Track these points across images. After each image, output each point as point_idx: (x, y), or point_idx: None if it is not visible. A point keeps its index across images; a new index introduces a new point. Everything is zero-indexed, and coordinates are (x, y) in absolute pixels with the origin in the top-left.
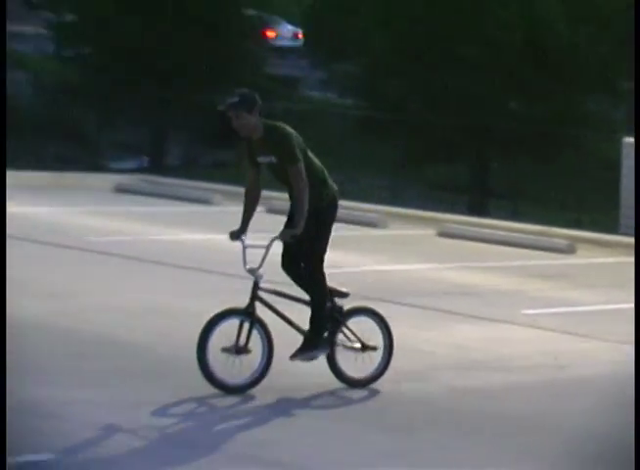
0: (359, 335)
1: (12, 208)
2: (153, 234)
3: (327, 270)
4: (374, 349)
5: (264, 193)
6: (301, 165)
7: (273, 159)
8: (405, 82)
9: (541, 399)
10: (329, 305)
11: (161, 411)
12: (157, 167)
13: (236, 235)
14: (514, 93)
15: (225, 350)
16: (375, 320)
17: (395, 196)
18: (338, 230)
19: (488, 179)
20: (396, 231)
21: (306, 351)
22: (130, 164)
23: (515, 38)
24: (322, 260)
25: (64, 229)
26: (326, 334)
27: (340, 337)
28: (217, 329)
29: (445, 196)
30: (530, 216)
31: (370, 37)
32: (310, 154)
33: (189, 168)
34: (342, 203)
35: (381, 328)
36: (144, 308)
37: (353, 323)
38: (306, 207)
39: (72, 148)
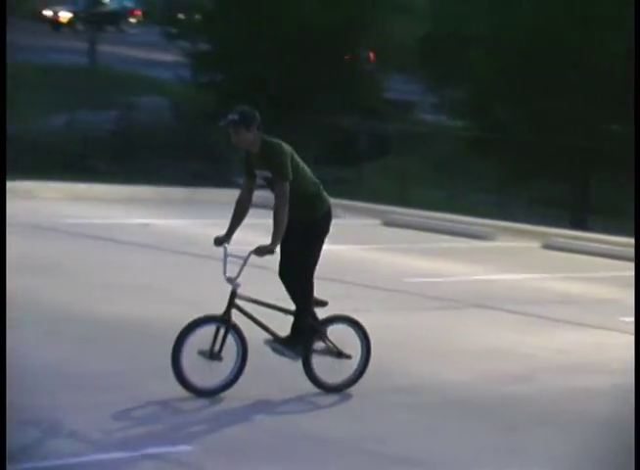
0: (336, 342)
1: (147, 220)
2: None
3: (438, 279)
4: (348, 357)
5: (382, 207)
6: (287, 186)
7: (268, 173)
8: (512, 106)
9: None
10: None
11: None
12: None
13: (219, 241)
14: (616, 116)
15: (201, 352)
16: (353, 328)
17: (502, 210)
18: (448, 242)
19: (590, 196)
20: (503, 243)
21: (282, 345)
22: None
23: (618, 66)
24: (313, 271)
25: (197, 240)
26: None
27: (316, 344)
28: (194, 334)
29: (549, 211)
30: (629, 231)
31: (479, 65)
32: (306, 169)
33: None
34: (452, 216)
35: (359, 335)
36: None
37: (332, 331)
38: (283, 224)
39: (208, 166)
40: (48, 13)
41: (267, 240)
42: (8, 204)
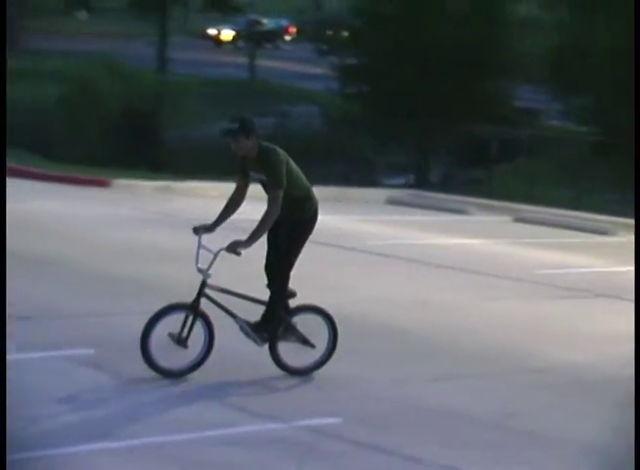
0: (304, 330)
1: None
2: (419, 239)
3: (565, 270)
4: (312, 346)
5: (512, 205)
6: (280, 193)
7: (263, 177)
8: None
9: None
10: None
11: (424, 386)
12: (421, 183)
13: (197, 230)
14: None
15: (170, 335)
16: (321, 317)
17: (625, 208)
18: (573, 237)
19: None
20: (624, 238)
21: (250, 328)
22: (400, 180)
23: None
24: (292, 266)
25: (346, 234)
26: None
27: (282, 332)
28: (164, 320)
29: None
30: None
31: (601, 74)
32: (300, 174)
33: (448, 184)
34: (577, 213)
35: (326, 323)
36: (410, 300)
37: (301, 319)
38: (265, 230)
39: (354, 167)
40: (212, 32)
41: None
42: (179, 202)
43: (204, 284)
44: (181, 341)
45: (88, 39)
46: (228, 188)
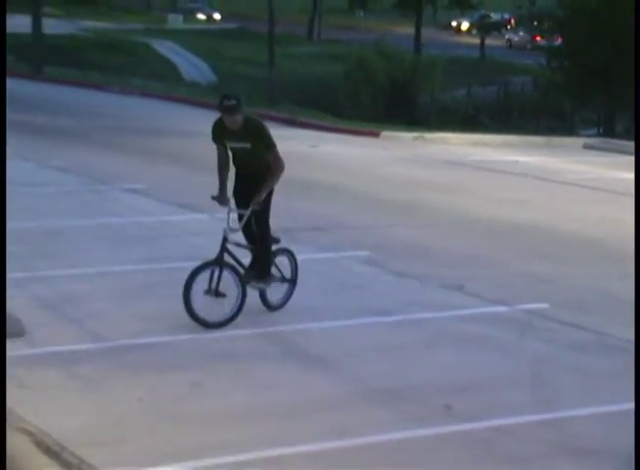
0: (282, 270)
1: (517, 158)
2: (606, 174)
3: None
4: (292, 281)
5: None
6: (278, 150)
7: (248, 145)
8: None
9: None
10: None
11: (614, 281)
12: (609, 133)
13: (220, 199)
14: None
15: (206, 292)
16: (289, 258)
17: None
18: None
19: None
20: None
21: (260, 282)
22: (592, 131)
23: None
24: (269, 217)
25: (552, 171)
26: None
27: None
28: (199, 277)
29: None
30: None
31: None
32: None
33: (629, 133)
34: None
35: (291, 264)
36: (601, 219)
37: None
38: (276, 183)
39: (557, 122)
40: (454, 23)
41: None
42: (430, 147)
43: (225, 240)
44: (216, 293)
45: (364, 31)
46: (467, 138)
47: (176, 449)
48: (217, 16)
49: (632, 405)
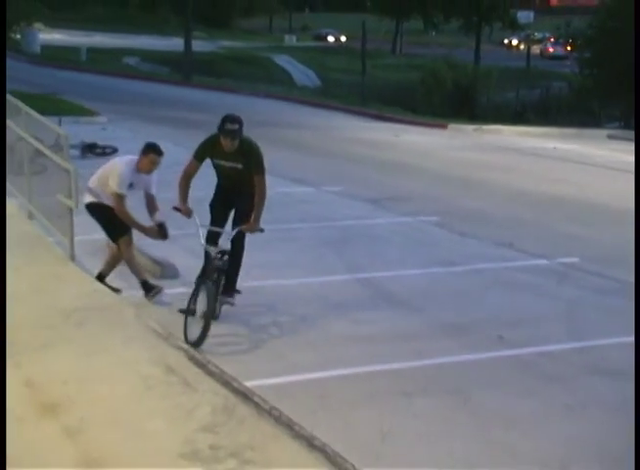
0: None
1: (555, 145)
2: (626, 158)
3: None
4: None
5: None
6: (265, 177)
7: (239, 165)
8: None
9: None
10: None
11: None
12: (628, 126)
13: (188, 214)
14: None
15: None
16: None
17: None
18: None
19: None
20: None
21: (228, 297)
22: (615, 124)
23: None
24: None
25: (583, 155)
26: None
27: None
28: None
29: None
30: None
31: None
32: None
33: None
34: None
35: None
36: (624, 193)
37: None
38: (263, 207)
39: (587, 117)
40: (506, 41)
41: None
42: (487, 137)
43: (211, 259)
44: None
45: (436, 47)
46: (515, 129)
47: (293, 365)
48: (343, 38)
49: None
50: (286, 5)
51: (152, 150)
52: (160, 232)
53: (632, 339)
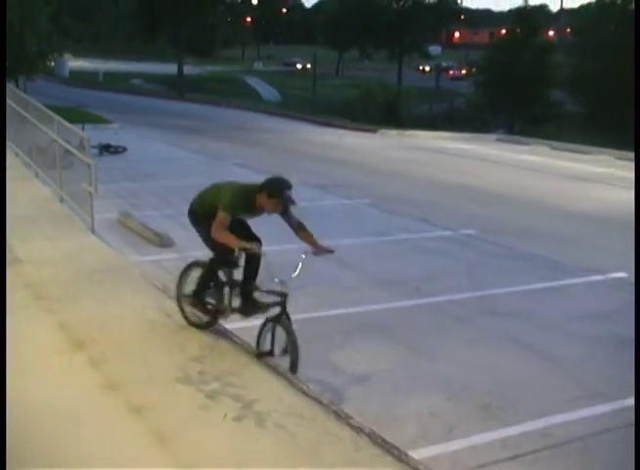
0: None
1: (459, 146)
2: (509, 155)
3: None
4: None
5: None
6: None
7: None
8: None
9: None
10: None
11: (518, 220)
12: (511, 132)
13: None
14: None
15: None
16: None
17: None
18: (561, 157)
19: None
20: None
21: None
22: (501, 131)
23: None
24: None
25: (478, 153)
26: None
27: None
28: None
29: None
30: None
31: None
32: None
33: (523, 132)
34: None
35: None
36: (513, 182)
37: None
38: None
39: (481, 125)
40: (420, 67)
41: None
42: (410, 139)
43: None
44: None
45: (369, 71)
46: (429, 134)
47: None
48: (309, 65)
49: (532, 286)
50: (255, 39)
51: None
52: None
53: (519, 288)
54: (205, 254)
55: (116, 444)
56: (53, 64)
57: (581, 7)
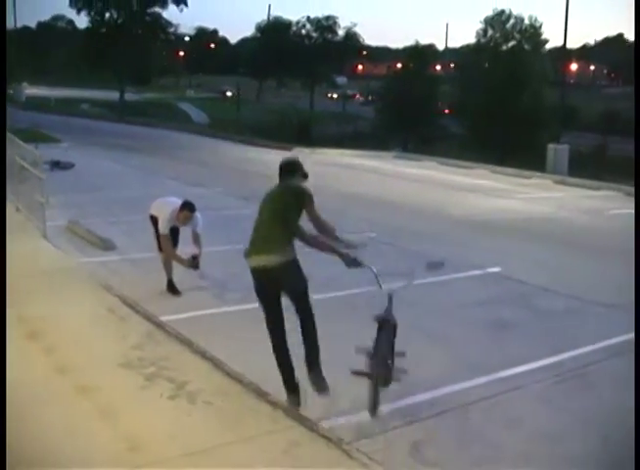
0: None
1: (361, 162)
2: (407, 170)
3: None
4: None
5: (439, 158)
6: None
7: None
8: None
9: None
10: None
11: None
12: (406, 150)
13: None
14: None
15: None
16: None
17: None
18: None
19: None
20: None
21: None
22: (399, 149)
23: None
24: None
25: (376, 168)
26: None
27: None
28: None
29: None
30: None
31: None
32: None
33: (417, 149)
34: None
35: None
36: (410, 193)
37: None
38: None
39: (381, 143)
40: (329, 94)
41: None
42: (319, 157)
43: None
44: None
45: (285, 97)
46: (337, 152)
47: (193, 304)
48: (230, 93)
49: (424, 281)
50: (187, 69)
51: (187, 207)
52: (193, 263)
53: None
54: (144, 256)
55: (68, 419)
56: (11, 91)
57: (462, 46)
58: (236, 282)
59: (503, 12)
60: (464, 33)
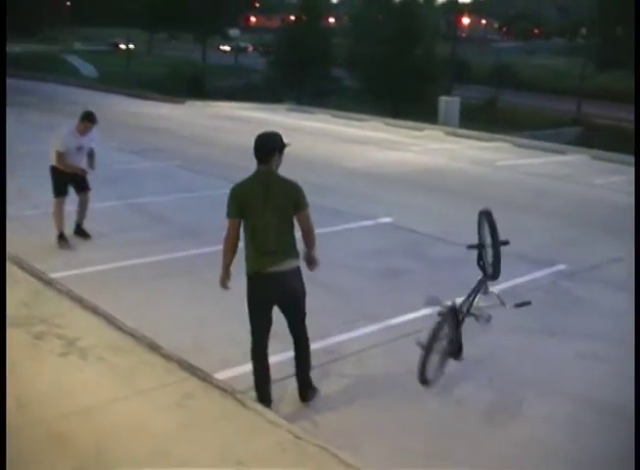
0: None
1: (258, 115)
2: (301, 123)
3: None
4: None
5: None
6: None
7: None
8: None
9: None
10: None
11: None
12: (300, 103)
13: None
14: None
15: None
16: None
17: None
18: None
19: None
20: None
21: None
22: (292, 102)
23: None
24: None
25: (272, 121)
26: None
27: None
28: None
29: None
30: None
31: None
32: None
33: (310, 103)
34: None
35: None
36: (321, 149)
37: None
38: None
39: (275, 97)
40: (222, 47)
41: None
42: (213, 109)
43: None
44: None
45: (178, 50)
46: (231, 105)
47: (84, 261)
48: (132, 45)
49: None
50: (74, 21)
51: (87, 118)
52: (84, 171)
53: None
54: (32, 213)
55: None
56: None
57: None
58: (125, 237)
59: None
60: None
